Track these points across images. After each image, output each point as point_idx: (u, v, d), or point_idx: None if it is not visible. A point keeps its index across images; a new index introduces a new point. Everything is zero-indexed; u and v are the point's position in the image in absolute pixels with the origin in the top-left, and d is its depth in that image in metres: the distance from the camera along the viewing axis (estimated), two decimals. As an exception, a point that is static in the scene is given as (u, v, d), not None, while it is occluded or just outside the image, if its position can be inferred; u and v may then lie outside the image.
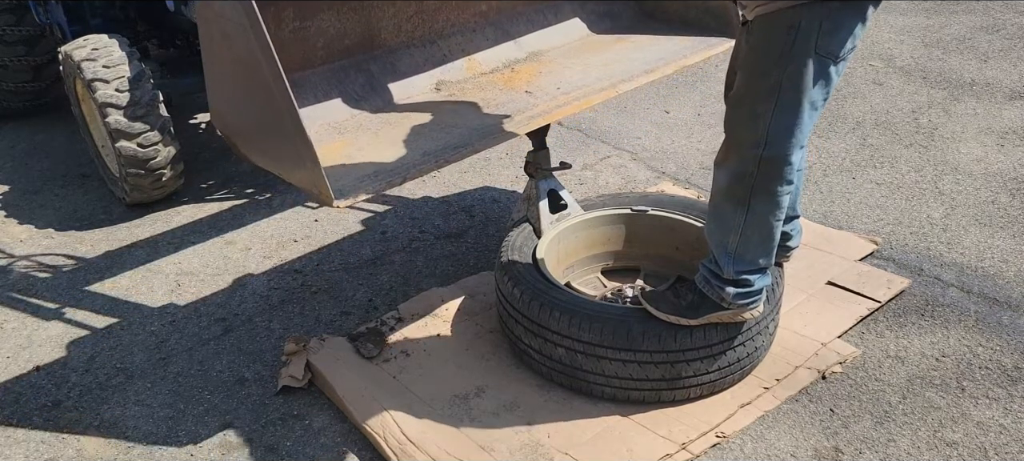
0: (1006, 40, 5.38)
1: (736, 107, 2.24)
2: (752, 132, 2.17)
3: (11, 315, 3.32)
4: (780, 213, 2.27)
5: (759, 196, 2.23)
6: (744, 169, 2.21)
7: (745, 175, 2.21)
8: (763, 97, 2.14)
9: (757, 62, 2.15)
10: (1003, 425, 2.43)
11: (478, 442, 2.42)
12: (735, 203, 2.26)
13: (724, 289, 2.34)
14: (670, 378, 2.44)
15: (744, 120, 2.20)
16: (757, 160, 2.18)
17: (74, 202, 4.27)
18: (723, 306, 2.36)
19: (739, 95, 2.22)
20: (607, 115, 4.76)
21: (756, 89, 2.16)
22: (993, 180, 3.77)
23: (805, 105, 2.13)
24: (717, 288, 2.35)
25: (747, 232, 2.28)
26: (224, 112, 2.40)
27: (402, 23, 2.90)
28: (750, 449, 2.40)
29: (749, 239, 2.29)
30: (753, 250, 2.31)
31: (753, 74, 2.17)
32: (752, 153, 2.18)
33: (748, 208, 2.25)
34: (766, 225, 2.28)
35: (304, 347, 2.85)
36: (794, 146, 2.18)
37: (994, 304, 2.95)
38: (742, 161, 2.22)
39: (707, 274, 2.38)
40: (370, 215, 3.90)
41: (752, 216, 2.25)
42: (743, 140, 2.21)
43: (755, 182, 2.21)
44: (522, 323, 2.59)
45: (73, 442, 2.64)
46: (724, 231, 2.31)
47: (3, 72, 5.03)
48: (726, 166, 2.27)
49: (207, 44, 2.25)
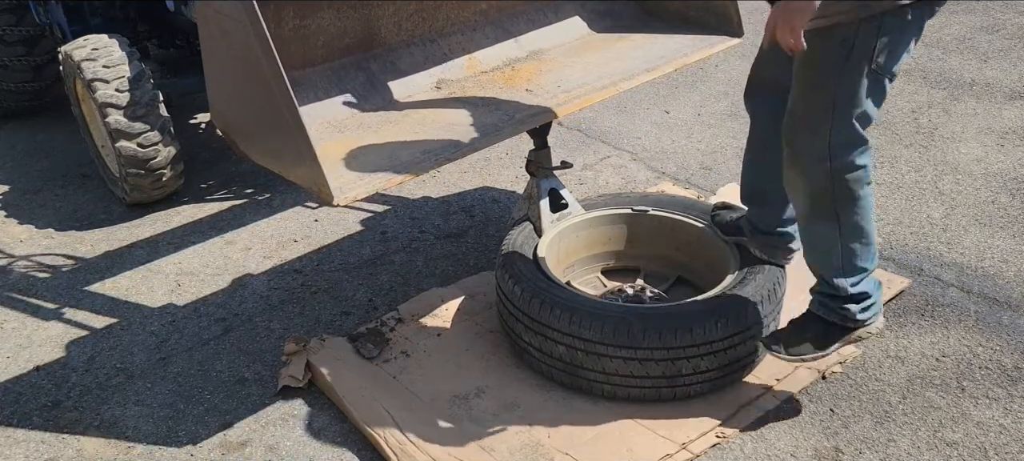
0: (1006, 40, 5.38)
1: (794, 124, 2.22)
2: (815, 148, 2.17)
3: (11, 315, 3.32)
4: (870, 212, 2.25)
5: (844, 205, 2.21)
6: (819, 185, 2.21)
7: (823, 191, 2.21)
8: (819, 112, 2.14)
9: (809, 76, 2.15)
10: (1003, 425, 2.43)
11: (478, 442, 2.42)
12: (825, 221, 2.25)
13: (845, 308, 2.33)
14: (670, 376, 2.44)
15: (805, 137, 2.19)
16: (829, 174, 2.18)
17: (74, 202, 4.27)
18: (849, 326, 2.35)
19: (796, 112, 2.21)
20: (607, 115, 4.76)
21: (811, 104, 2.16)
22: (993, 180, 3.77)
23: (862, 118, 2.14)
24: (838, 310, 2.34)
25: (846, 243, 2.26)
26: (224, 110, 2.40)
27: (402, 21, 2.90)
28: (750, 449, 2.40)
29: (851, 250, 2.27)
30: (858, 258, 2.29)
31: (806, 88, 2.17)
32: (822, 168, 2.18)
33: (838, 221, 2.23)
34: (861, 230, 2.26)
35: (304, 347, 2.85)
36: (860, 151, 2.17)
37: (994, 304, 2.95)
38: (814, 178, 2.21)
39: (823, 299, 2.37)
40: (370, 215, 3.90)
41: (845, 227, 2.24)
42: (809, 157, 2.20)
43: (835, 194, 2.20)
44: (522, 321, 2.59)
45: (73, 442, 2.64)
46: (825, 251, 2.30)
47: (3, 72, 5.03)
48: (801, 187, 2.26)
49: (207, 42, 2.25)
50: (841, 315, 2.35)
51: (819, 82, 2.13)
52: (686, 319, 2.41)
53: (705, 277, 2.90)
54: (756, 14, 5.42)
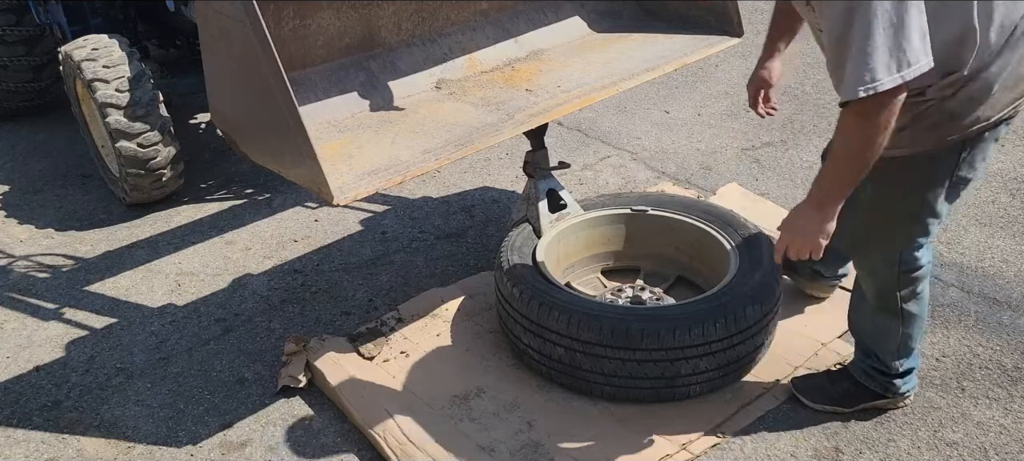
0: (1006, 40, 5.37)
1: (869, 234, 2.21)
2: (888, 252, 2.21)
3: (11, 315, 3.32)
4: (926, 302, 2.33)
5: (908, 301, 2.28)
6: (888, 284, 2.25)
7: (891, 290, 2.26)
8: (896, 223, 2.16)
9: (888, 191, 2.10)
10: (1003, 425, 2.43)
11: (478, 442, 2.41)
12: (890, 314, 2.31)
13: (891, 382, 2.42)
14: (670, 376, 2.44)
15: (878, 243, 2.21)
16: (897, 275, 2.22)
17: (74, 202, 4.27)
18: (888, 396, 2.44)
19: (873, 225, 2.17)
20: (607, 115, 4.76)
21: (889, 216, 2.15)
22: (993, 180, 3.76)
23: (938, 222, 2.16)
24: (883, 382, 2.42)
25: (906, 332, 2.33)
26: (224, 110, 2.40)
27: (402, 21, 2.90)
28: (750, 449, 2.40)
29: (910, 336, 2.35)
30: (913, 341, 2.37)
31: (883, 201, 2.13)
32: (892, 270, 2.22)
33: (902, 314, 2.30)
34: (920, 319, 2.34)
35: (304, 347, 2.85)
36: (927, 251, 2.23)
37: (994, 304, 2.95)
38: (884, 279, 2.26)
39: (869, 369, 2.43)
40: (370, 215, 3.90)
41: (907, 318, 2.31)
42: (881, 261, 2.24)
43: (901, 291, 2.25)
44: (521, 323, 2.58)
45: (73, 442, 2.64)
46: (885, 337, 2.36)
47: (3, 72, 5.03)
48: (869, 283, 2.31)
49: (207, 42, 2.25)
50: (884, 387, 2.43)
51: (899, 198, 2.12)
52: (685, 319, 2.41)
53: (705, 277, 2.90)
54: (756, 14, 5.42)
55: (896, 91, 1.75)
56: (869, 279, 2.30)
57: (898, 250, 2.18)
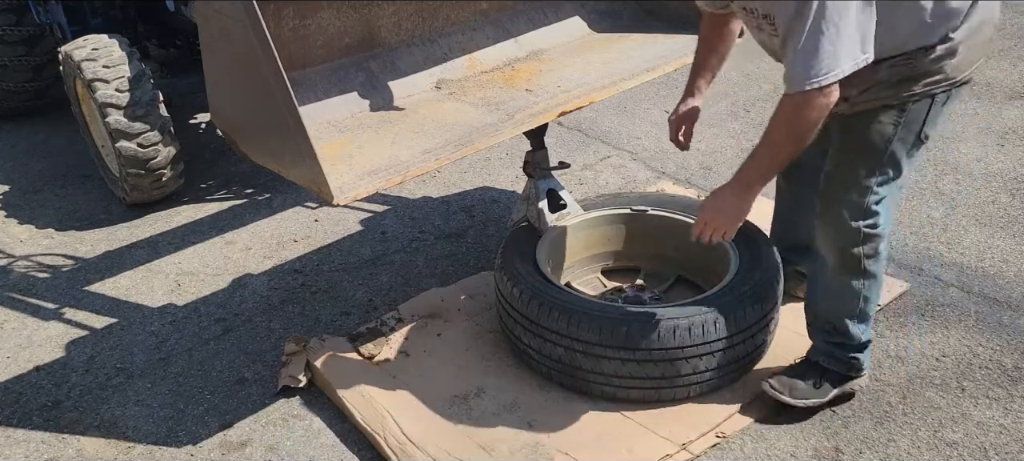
0: (1006, 40, 5.38)
1: (834, 187, 2.30)
2: (855, 209, 2.27)
3: (11, 315, 3.32)
4: (884, 265, 2.39)
5: (870, 259, 2.33)
6: (851, 242, 2.31)
7: (853, 243, 2.31)
8: (863, 179, 2.24)
9: (857, 146, 2.23)
10: (1003, 425, 2.43)
11: (478, 442, 2.41)
12: (852, 274, 2.36)
13: (853, 357, 2.46)
14: (669, 376, 2.44)
15: (845, 199, 2.28)
16: (860, 231, 2.28)
17: (74, 202, 4.27)
18: (851, 375, 2.47)
19: (838, 177, 2.29)
20: (607, 115, 4.76)
21: (856, 171, 2.24)
22: (993, 180, 3.76)
23: (901, 181, 2.28)
24: (846, 359, 2.47)
25: (866, 293, 2.39)
26: (224, 110, 2.40)
27: (402, 21, 2.90)
28: (750, 449, 2.40)
29: (867, 298, 2.40)
30: (871, 305, 2.42)
31: (852, 156, 2.25)
32: (855, 226, 2.28)
33: (864, 274, 2.35)
34: (878, 282, 2.40)
35: (304, 347, 2.85)
36: (889, 211, 2.31)
37: (994, 304, 2.95)
38: (847, 236, 2.30)
39: (830, 348, 2.47)
40: (370, 215, 3.90)
41: (869, 279, 2.37)
42: (846, 217, 2.29)
43: (863, 250, 2.31)
44: (521, 323, 2.58)
45: (73, 442, 2.64)
46: (847, 303, 2.40)
47: (3, 72, 5.03)
48: (831, 244, 2.36)
49: (207, 42, 2.25)
50: (848, 364, 2.46)
51: (867, 153, 2.22)
52: (685, 319, 2.41)
53: (705, 277, 2.90)
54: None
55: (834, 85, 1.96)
56: (832, 239, 2.34)
57: (863, 200, 2.25)
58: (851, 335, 2.42)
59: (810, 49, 1.92)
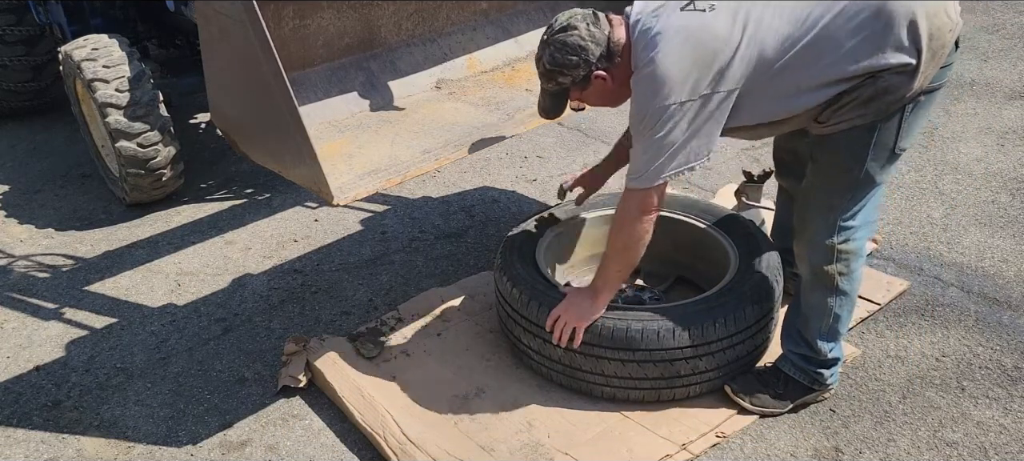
0: (1006, 40, 5.38)
1: (809, 203, 2.33)
2: (829, 225, 2.30)
3: (11, 315, 3.32)
4: (857, 286, 2.42)
5: (844, 278, 2.35)
6: (824, 259, 2.33)
7: (827, 260, 2.33)
8: (838, 194, 2.27)
9: (832, 162, 2.25)
10: (1003, 425, 2.43)
11: (478, 442, 2.41)
12: (825, 291, 2.37)
13: (819, 372, 2.47)
14: (669, 376, 2.44)
15: (820, 215, 2.30)
16: (834, 248, 2.31)
17: (74, 202, 4.27)
18: (814, 388, 2.49)
19: (813, 193, 2.32)
20: (607, 115, 4.75)
21: (831, 186, 2.27)
22: (993, 180, 3.77)
23: (877, 194, 2.30)
24: (811, 372, 2.48)
25: (836, 311, 2.40)
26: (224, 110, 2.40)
27: (402, 21, 2.90)
28: (750, 449, 2.40)
29: (838, 316, 2.42)
30: (842, 323, 2.44)
31: (827, 172, 2.27)
32: (830, 242, 2.30)
33: (837, 291, 2.37)
34: (850, 301, 2.42)
35: (304, 347, 2.85)
36: (864, 225, 2.32)
37: (994, 304, 2.95)
38: (821, 253, 2.33)
39: (798, 360, 2.48)
40: (370, 215, 3.90)
41: (839, 296, 2.38)
42: (821, 233, 2.31)
43: (837, 267, 2.33)
44: (521, 324, 2.58)
45: (73, 442, 2.64)
46: (817, 318, 2.42)
47: (3, 72, 5.03)
48: (806, 259, 2.39)
49: (207, 42, 2.25)
50: (812, 377, 2.48)
51: (842, 168, 2.24)
52: (685, 319, 2.41)
53: (705, 276, 2.90)
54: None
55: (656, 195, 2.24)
56: (806, 253, 2.36)
57: (837, 218, 2.27)
58: (817, 349, 2.44)
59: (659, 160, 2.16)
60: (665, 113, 2.10)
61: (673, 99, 2.09)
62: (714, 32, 2.07)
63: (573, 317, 2.40)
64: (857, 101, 2.11)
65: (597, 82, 2.24)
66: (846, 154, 2.21)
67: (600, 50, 2.19)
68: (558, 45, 2.21)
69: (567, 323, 2.40)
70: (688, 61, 2.08)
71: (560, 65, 2.22)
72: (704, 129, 2.15)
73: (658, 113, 2.11)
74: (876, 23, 2.04)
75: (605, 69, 2.22)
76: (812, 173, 2.32)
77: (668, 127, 2.12)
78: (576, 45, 2.18)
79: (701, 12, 2.10)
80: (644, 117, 2.15)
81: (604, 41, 2.19)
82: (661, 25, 2.11)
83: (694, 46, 2.08)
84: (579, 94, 2.30)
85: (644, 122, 2.16)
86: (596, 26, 2.20)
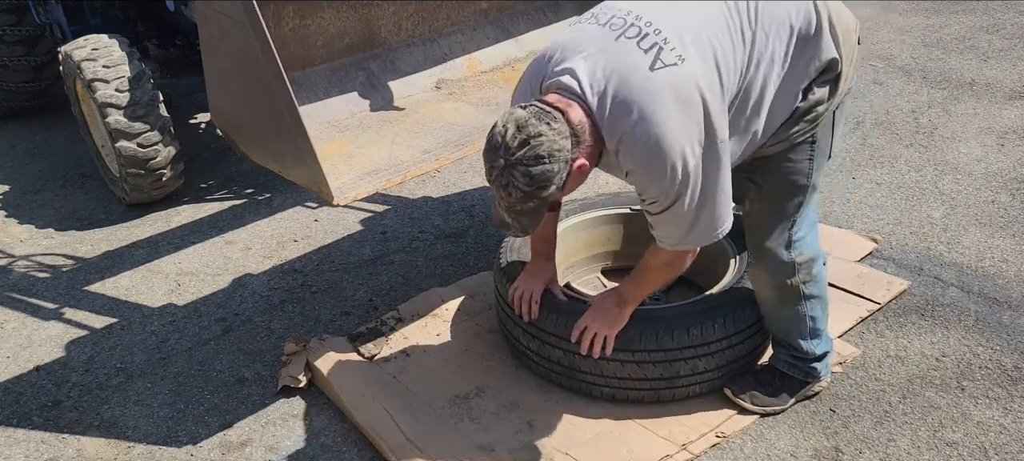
0: (1006, 40, 5.38)
1: (760, 228, 2.33)
2: (784, 242, 2.31)
3: (11, 315, 3.32)
4: (824, 283, 2.44)
5: (808, 285, 2.37)
6: (786, 274, 2.34)
7: (788, 275, 2.34)
8: (790, 211, 2.28)
9: (783, 185, 2.26)
10: (1003, 425, 2.43)
11: (478, 442, 2.41)
12: (792, 302, 2.39)
13: (811, 366, 2.50)
14: (669, 377, 2.44)
15: (773, 236, 2.31)
16: (793, 264, 2.33)
17: (74, 202, 4.27)
18: (810, 381, 2.51)
19: (762, 218, 2.32)
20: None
21: (781, 207, 2.28)
22: (993, 180, 3.77)
23: (817, 197, 2.36)
24: (805, 367, 2.50)
25: (812, 314, 2.42)
26: (224, 110, 2.40)
27: (402, 21, 2.90)
28: (750, 449, 2.40)
29: (813, 318, 2.43)
30: (819, 321, 2.45)
31: (775, 195, 2.28)
32: (788, 257, 2.32)
33: (804, 298, 2.38)
34: (820, 298, 2.43)
35: (304, 347, 2.85)
36: (815, 231, 2.36)
37: (994, 304, 2.95)
38: (782, 267, 2.34)
39: (789, 359, 2.50)
40: (370, 215, 3.90)
41: (810, 302, 2.40)
42: (778, 253, 2.32)
43: (799, 277, 2.35)
44: (520, 325, 2.58)
45: (73, 442, 2.64)
46: (793, 325, 2.44)
47: (3, 72, 5.04)
48: (767, 282, 2.38)
49: (207, 42, 2.25)
50: (805, 372, 2.50)
51: (790, 186, 2.26)
52: (684, 320, 2.41)
53: (704, 277, 2.90)
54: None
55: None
56: (767, 277, 2.37)
57: (790, 232, 2.30)
58: (805, 351, 2.46)
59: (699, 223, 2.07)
60: (679, 170, 1.96)
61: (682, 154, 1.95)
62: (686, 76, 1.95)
63: (602, 326, 2.38)
64: (790, 119, 2.14)
65: (577, 172, 1.98)
66: (793, 171, 2.23)
67: (569, 140, 1.92)
68: (529, 160, 1.89)
69: (598, 333, 2.38)
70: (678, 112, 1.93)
71: (540, 181, 1.91)
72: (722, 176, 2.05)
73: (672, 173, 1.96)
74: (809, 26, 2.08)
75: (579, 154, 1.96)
76: (756, 198, 2.29)
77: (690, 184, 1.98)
78: (550, 151, 1.88)
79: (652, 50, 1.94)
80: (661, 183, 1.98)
81: (567, 131, 1.92)
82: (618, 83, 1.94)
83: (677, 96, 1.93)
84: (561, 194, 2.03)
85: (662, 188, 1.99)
86: (552, 119, 1.91)
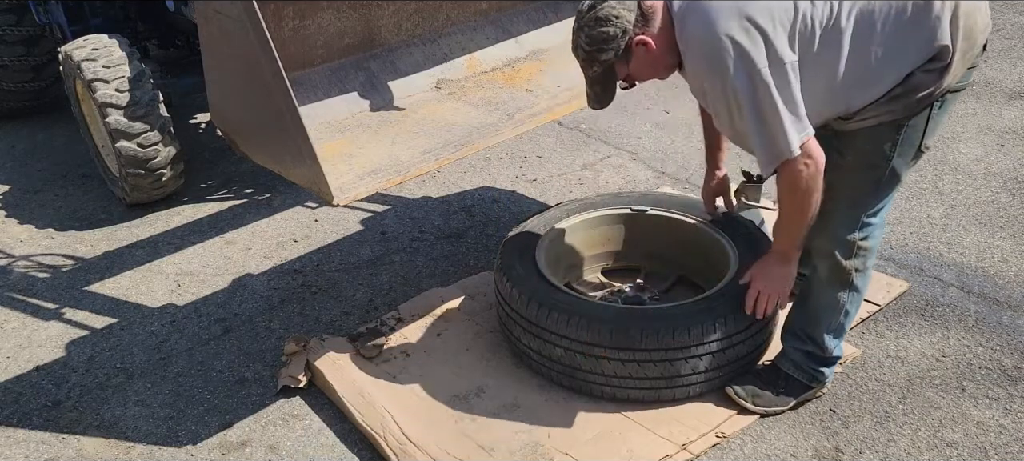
0: (1006, 40, 5.38)
1: (834, 200, 2.29)
2: (852, 220, 2.29)
3: (11, 315, 3.32)
4: (868, 283, 2.43)
5: (859, 274, 2.37)
6: (844, 254, 2.32)
7: (847, 259, 2.33)
8: (864, 190, 2.26)
9: (861, 162, 2.23)
10: (1003, 425, 2.43)
11: (478, 442, 2.41)
12: (839, 287, 2.38)
13: (820, 370, 2.49)
14: (669, 376, 2.44)
15: (843, 211, 2.29)
16: (855, 245, 2.31)
17: (74, 202, 4.27)
18: (812, 386, 2.50)
19: (839, 190, 2.27)
20: (607, 115, 4.75)
21: (857, 184, 2.26)
22: (993, 180, 3.76)
23: (896, 191, 2.30)
24: (812, 370, 2.49)
25: (849, 309, 2.42)
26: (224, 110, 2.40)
27: (402, 21, 2.90)
28: (750, 449, 2.40)
29: (849, 314, 2.44)
30: (849, 322, 2.46)
31: (854, 171, 2.25)
32: (851, 237, 2.30)
33: (850, 287, 2.38)
34: (860, 298, 2.43)
35: (304, 347, 2.85)
36: (883, 228, 2.34)
37: (994, 304, 2.95)
38: (843, 247, 2.32)
39: (801, 358, 2.49)
40: (370, 215, 3.90)
41: (852, 294, 2.40)
42: (843, 227, 2.31)
43: (854, 263, 2.34)
44: (521, 323, 2.58)
45: (73, 442, 2.64)
46: (826, 314, 2.42)
47: (3, 72, 5.03)
48: (824, 254, 2.36)
49: (207, 42, 2.25)
50: (811, 375, 2.49)
51: (867, 165, 2.23)
52: (684, 319, 2.41)
53: (705, 276, 2.90)
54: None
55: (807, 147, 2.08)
56: (826, 249, 2.35)
57: (860, 213, 2.27)
58: (824, 347, 2.45)
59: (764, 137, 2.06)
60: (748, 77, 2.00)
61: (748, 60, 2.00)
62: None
63: (775, 289, 2.38)
64: (886, 97, 2.10)
65: (639, 49, 2.14)
66: (872, 151, 2.19)
67: (634, 14, 2.11)
68: (591, 22, 2.12)
69: (771, 296, 2.38)
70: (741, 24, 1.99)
71: (599, 41, 2.12)
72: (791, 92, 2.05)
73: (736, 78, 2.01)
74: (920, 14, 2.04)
75: (643, 32, 2.13)
76: (835, 168, 2.25)
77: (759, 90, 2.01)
78: (608, 16, 2.09)
79: None
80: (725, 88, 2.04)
81: (635, 6, 2.11)
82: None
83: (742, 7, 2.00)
84: (625, 69, 2.20)
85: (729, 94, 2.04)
86: None
